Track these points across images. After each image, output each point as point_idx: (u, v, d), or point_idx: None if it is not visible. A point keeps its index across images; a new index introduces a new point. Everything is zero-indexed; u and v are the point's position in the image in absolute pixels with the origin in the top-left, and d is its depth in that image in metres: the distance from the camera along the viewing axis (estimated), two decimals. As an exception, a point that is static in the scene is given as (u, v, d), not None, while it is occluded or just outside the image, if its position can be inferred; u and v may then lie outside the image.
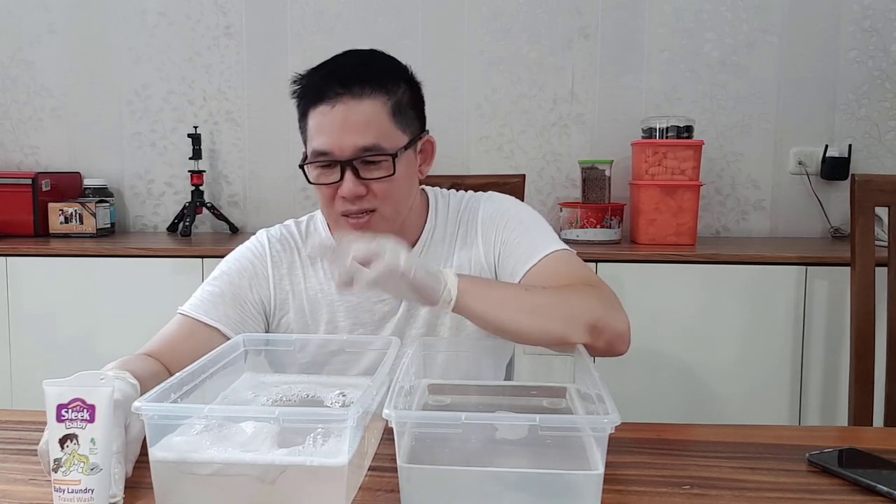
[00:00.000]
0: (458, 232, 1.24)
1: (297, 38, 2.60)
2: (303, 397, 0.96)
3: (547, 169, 2.57)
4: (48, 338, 2.18)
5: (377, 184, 1.10)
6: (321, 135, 1.10)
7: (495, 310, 0.99)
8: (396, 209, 1.15)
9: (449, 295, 0.94)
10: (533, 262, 1.15)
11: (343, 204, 1.12)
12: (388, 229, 1.12)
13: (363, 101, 1.08)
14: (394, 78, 1.13)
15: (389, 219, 1.14)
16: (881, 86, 2.46)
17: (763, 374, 2.03)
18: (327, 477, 0.73)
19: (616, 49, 2.52)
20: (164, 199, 2.69)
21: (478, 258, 1.22)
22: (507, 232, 1.21)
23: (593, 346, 1.04)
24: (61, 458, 0.71)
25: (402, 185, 1.13)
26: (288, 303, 1.22)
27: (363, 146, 1.08)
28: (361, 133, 1.08)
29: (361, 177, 1.10)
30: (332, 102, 1.08)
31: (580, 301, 1.04)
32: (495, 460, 0.76)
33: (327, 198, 1.13)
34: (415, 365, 0.98)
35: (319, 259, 1.24)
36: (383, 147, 1.09)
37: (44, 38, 2.67)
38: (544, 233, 1.21)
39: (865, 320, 1.49)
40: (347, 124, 1.08)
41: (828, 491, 0.84)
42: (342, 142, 1.08)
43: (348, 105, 1.08)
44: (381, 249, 0.90)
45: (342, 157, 1.09)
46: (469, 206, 1.26)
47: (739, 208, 2.53)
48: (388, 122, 1.10)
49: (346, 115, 1.08)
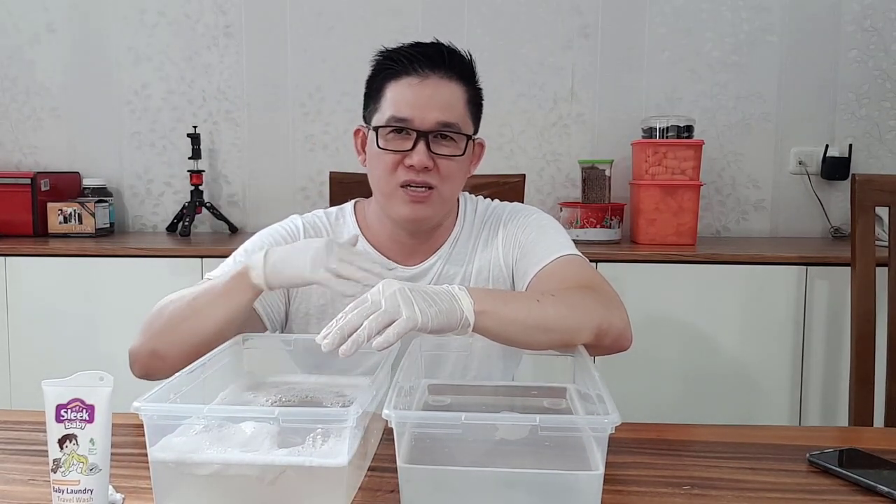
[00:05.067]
0: (481, 235, 1.28)
1: (297, 38, 2.59)
2: (302, 397, 0.96)
3: (547, 169, 2.57)
4: (47, 338, 2.17)
5: (445, 161, 1.15)
6: (404, 104, 1.15)
7: (509, 328, 0.98)
8: (452, 192, 1.20)
9: (467, 322, 0.93)
10: (543, 265, 1.18)
11: (407, 174, 1.15)
12: (440, 209, 1.20)
13: (451, 83, 1.16)
14: (472, 74, 1.21)
15: (446, 199, 1.20)
16: (881, 85, 2.45)
17: (763, 374, 2.03)
18: (327, 477, 0.73)
19: (616, 49, 2.52)
20: (163, 199, 2.69)
21: (496, 259, 1.26)
22: (525, 235, 1.24)
23: (599, 346, 1.05)
24: (60, 458, 0.71)
25: (462, 170, 1.20)
26: (311, 289, 1.22)
27: (443, 122, 1.14)
28: (444, 110, 1.14)
29: (433, 151, 1.14)
30: (422, 76, 1.14)
31: (585, 306, 1.05)
32: (495, 460, 0.75)
33: (389, 165, 1.16)
34: (415, 365, 0.98)
35: None
36: (460, 127, 1.16)
37: (43, 38, 2.66)
38: (559, 238, 1.24)
39: (866, 320, 1.49)
40: (434, 99, 1.14)
41: (828, 491, 0.84)
42: (426, 114, 1.13)
43: (436, 82, 1.15)
44: (397, 312, 0.88)
45: (421, 128, 1.14)
46: (495, 213, 1.30)
47: (740, 208, 2.53)
48: (464, 109, 1.18)
49: (435, 91, 1.14)
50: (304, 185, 2.63)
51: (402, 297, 0.89)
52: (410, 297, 0.89)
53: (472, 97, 1.19)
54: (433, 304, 0.90)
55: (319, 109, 2.61)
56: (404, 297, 0.89)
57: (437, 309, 0.90)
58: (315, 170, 2.61)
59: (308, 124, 2.61)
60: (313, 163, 2.62)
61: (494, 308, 0.96)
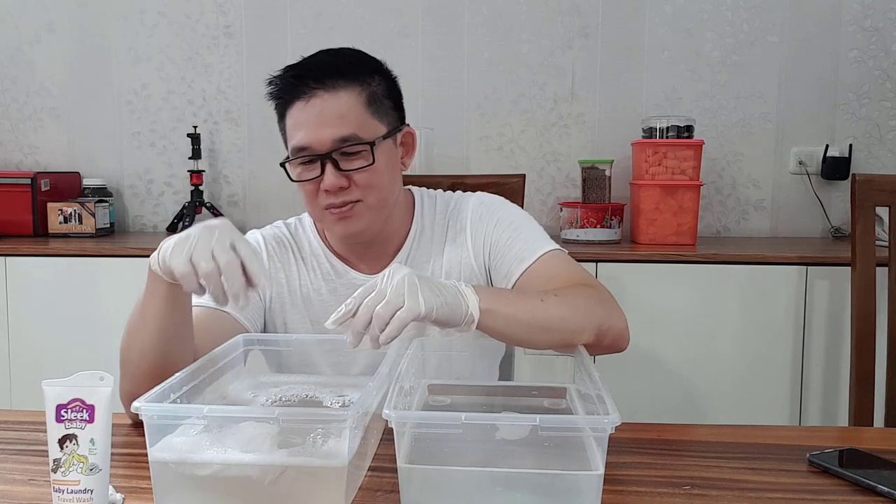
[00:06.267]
0: (446, 233, 1.23)
1: (297, 38, 2.59)
2: (302, 398, 0.96)
3: (547, 169, 2.57)
4: (47, 338, 2.17)
5: (358, 174, 1.11)
6: (299, 130, 1.11)
7: (513, 327, 0.98)
8: (380, 199, 1.15)
9: (471, 318, 0.93)
10: (528, 264, 1.16)
11: (326, 197, 1.12)
12: (373, 220, 1.14)
13: (338, 94, 1.10)
14: (366, 70, 1.14)
15: (375, 208, 1.14)
16: (882, 85, 2.45)
17: (763, 374, 2.03)
18: (327, 477, 0.73)
19: (616, 49, 2.52)
20: (163, 199, 2.69)
21: (467, 260, 1.22)
22: (498, 233, 1.20)
23: (598, 346, 1.05)
24: (60, 458, 0.71)
25: (383, 175, 1.14)
26: (284, 298, 1.22)
27: (341, 137, 1.10)
28: (338, 125, 1.09)
29: (342, 169, 1.10)
30: (307, 98, 1.10)
31: (587, 307, 1.05)
32: (495, 460, 0.75)
33: (310, 194, 1.14)
34: (414, 365, 0.98)
35: (312, 259, 1.23)
36: (361, 137, 1.10)
37: (43, 38, 2.66)
38: (535, 233, 1.21)
39: (866, 320, 1.49)
40: (324, 117, 1.09)
41: (828, 491, 0.84)
42: (320, 135, 1.10)
43: (323, 99, 1.10)
44: (399, 302, 0.86)
45: (322, 151, 1.10)
46: (457, 207, 1.25)
47: (740, 208, 2.53)
48: (364, 113, 1.11)
49: (322, 109, 1.10)
50: (304, 185, 2.63)
51: (407, 285, 0.87)
52: (417, 284, 0.88)
53: (373, 94, 1.12)
54: (439, 296, 0.89)
55: (319, 109, 2.60)
56: (410, 285, 0.87)
57: (442, 300, 0.90)
58: (315, 170, 2.61)
59: (308, 124, 2.61)
60: (313, 163, 2.61)
61: (500, 307, 0.96)
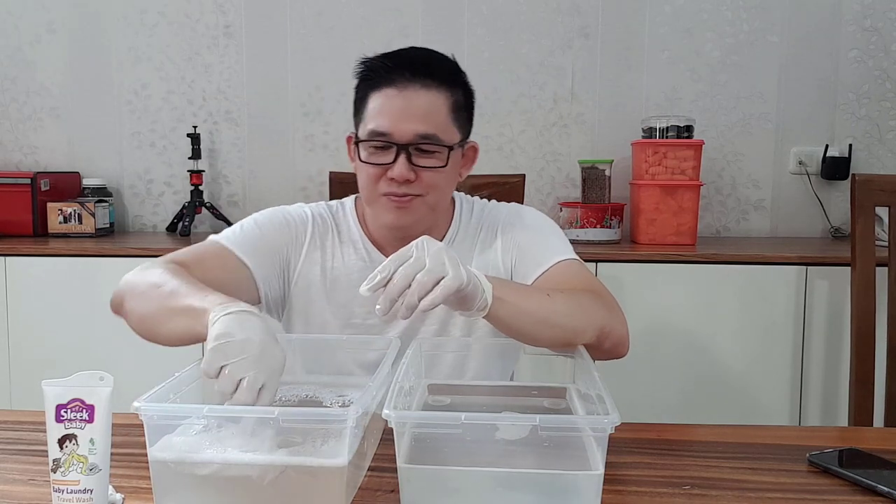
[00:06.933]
0: (479, 236, 1.27)
1: (297, 38, 2.59)
2: (302, 397, 0.96)
3: (547, 169, 2.57)
4: (47, 338, 2.17)
5: (427, 172, 1.14)
6: (382, 117, 1.13)
7: (520, 318, 0.99)
8: (438, 200, 1.18)
9: (485, 302, 0.93)
10: (544, 269, 1.18)
11: (389, 185, 1.14)
12: (424, 216, 1.17)
13: (429, 92, 1.13)
14: (456, 78, 1.18)
15: (431, 207, 1.18)
16: (882, 85, 2.45)
17: (763, 374, 2.03)
18: (327, 477, 0.73)
19: (616, 49, 2.52)
20: (163, 199, 2.69)
21: (495, 261, 1.24)
22: (523, 236, 1.24)
23: (598, 349, 1.05)
24: (60, 458, 0.71)
25: (447, 178, 1.17)
26: (314, 274, 1.23)
27: (423, 133, 1.12)
28: (422, 121, 1.12)
29: (413, 163, 1.13)
30: (399, 87, 1.12)
31: (592, 307, 1.06)
32: (495, 460, 0.75)
33: (372, 177, 1.15)
34: (415, 365, 0.98)
35: (349, 242, 1.25)
36: (440, 139, 1.13)
37: (43, 38, 2.66)
38: (557, 241, 1.24)
39: (866, 320, 1.49)
40: (411, 110, 1.12)
41: (828, 491, 0.84)
42: (404, 126, 1.12)
43: (415, 92, 1.12)
44: (442, 270, 0.86)
45: (400, 141, 1.12)
46: (492, 213, 1.29)
47: (740, 208, 2.53)
48: (447, 117, 1.14)
49: (411, 102, 1.12)
50: (304, 184, 2.63)
51: (447, 256, 0.88)
52: (455, 257, 0.89)
53: (457, 102, 1.16)
54: (470, 273, 0.91)
55: (319, 109, 2.60)
56: (450, 257, 0.88)
57: (474, 276, 0.91)
58: (315, 170, 2.61)
59: (308, 124, 2.61)
60: (313, 163, 2.62)
61: (510, 297, 0.97)
